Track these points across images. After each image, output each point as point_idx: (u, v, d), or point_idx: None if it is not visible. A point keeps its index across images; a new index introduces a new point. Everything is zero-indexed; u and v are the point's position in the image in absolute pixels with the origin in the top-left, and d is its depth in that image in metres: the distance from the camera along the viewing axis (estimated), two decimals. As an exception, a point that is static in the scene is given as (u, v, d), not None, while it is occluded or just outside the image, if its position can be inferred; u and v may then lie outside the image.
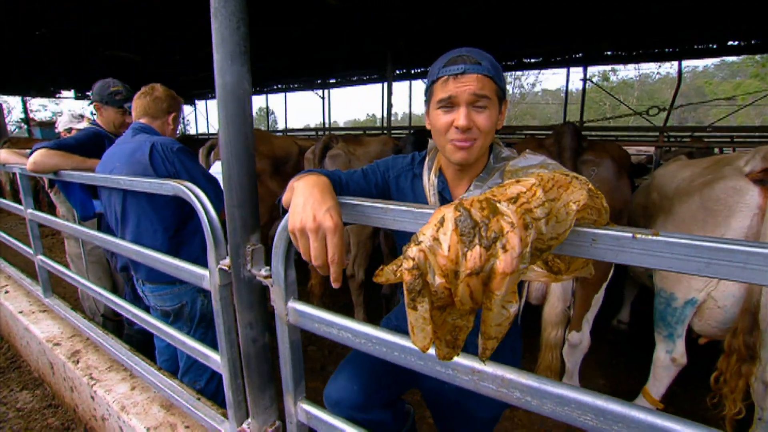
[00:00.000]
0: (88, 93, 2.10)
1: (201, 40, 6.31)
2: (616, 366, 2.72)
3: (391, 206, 0.68)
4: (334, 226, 0.63)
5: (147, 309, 1.88)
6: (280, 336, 0.94)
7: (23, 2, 4.82)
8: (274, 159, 3.46)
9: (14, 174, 2.09)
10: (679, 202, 1.84)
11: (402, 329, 1.18)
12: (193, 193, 1.08)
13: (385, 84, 6.25)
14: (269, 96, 14.22)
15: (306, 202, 0.66)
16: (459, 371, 0.67)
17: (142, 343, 2.12)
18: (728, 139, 5.88)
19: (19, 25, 5.85)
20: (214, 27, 0.84)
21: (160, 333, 1.38)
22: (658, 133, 4.58)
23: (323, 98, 12.52)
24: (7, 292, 2.81)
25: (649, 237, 0.48)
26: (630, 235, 0.49)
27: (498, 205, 0.39)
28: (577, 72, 8.84)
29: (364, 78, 10.97)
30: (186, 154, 1.51)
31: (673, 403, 2.24)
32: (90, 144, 1.85)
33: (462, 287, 0.37)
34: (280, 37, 6.50)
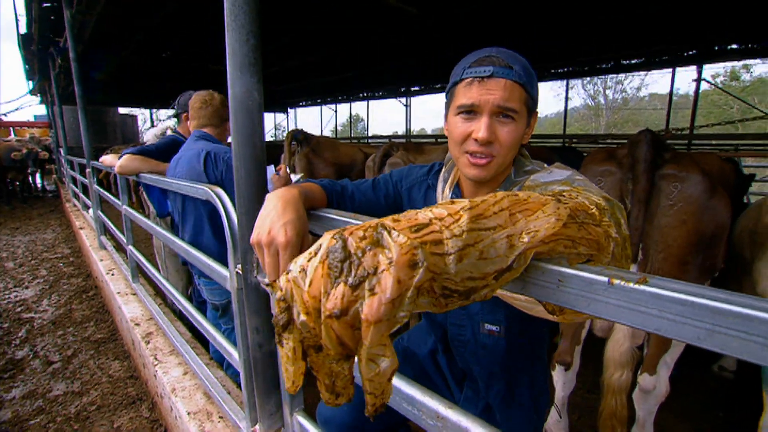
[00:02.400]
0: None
1: (292, 50, 6.80)
2: (711, 422, 2.24)
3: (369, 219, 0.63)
4: (286, 241, 0.60)
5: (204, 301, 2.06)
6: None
7: (156, 33, 5.70)
8: (338, 165, 3.57)
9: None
10: (801, 230, 1.45)
11: (410, 351, 1.10)
12: (219, 198, 1.14)
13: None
14: (356, 104, 14.85)
15: (267, 216, 0.64)
16: (423, 412, 0.59)
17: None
18: None
19: (151, 49, 6.94)
20: (227, 40, 0.88)
21: (196, 323, 1.48)
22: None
23: (406, 106, 12.71)
24: (113, 274, 3.31)
25: (631, 285, 0.36)
26: (605, 279, 0.37)
27: (385, 234, 0.32)
28: (691, 71, 7.64)
29: (447, 86, 10.86)
30: None
31: (787, 483, 1.77)
32: (168, 150, 2.08)
33: (324, 330, 0.31)
34: (364, 46, 6.74)
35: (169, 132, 2.33)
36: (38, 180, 11.96)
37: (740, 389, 2.48)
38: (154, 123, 15.68)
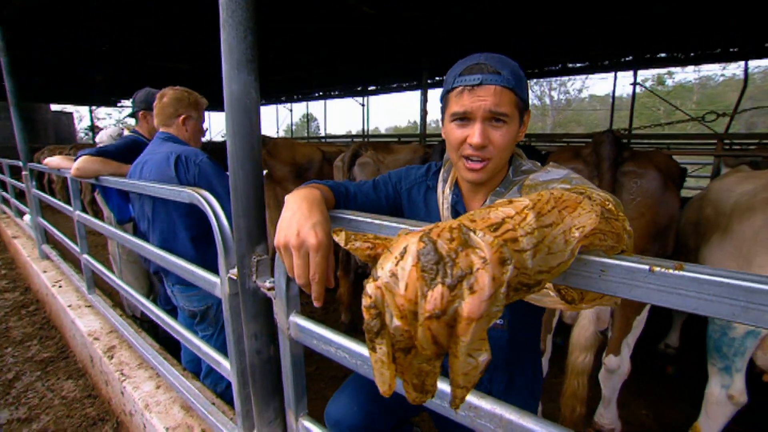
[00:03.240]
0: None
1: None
2: (663, 396, 2.47)
3: (386, 222, 0.64)
4: (317, 243, 0.60)
5: (176, 309, 1.95)
6: (282, 350, 0.92)
7: (92, 23, 5.27)
8: (296, 166, 3.52)
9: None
10: (738, 220, 1.64)
11: None
12: (207, 201, 1.09)
13: (421, 91, 6.21)
14: (311, 103, 14.62)
15: (292, 217, 0.63)
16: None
17: (178, 342, 2.20)
18: (804, 148, 5.26)
19: (87, 42, 6.40)
20: (222, 37, 0.84)
21: (178, 335, 1.41)
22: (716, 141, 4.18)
23: (363, 105, 12.70)
24: (60, 286, 3.03)
25: (671, 271, 0.40)
26: (646, 267, 0.41)
27: (471, 235, 0.34)
28: (627, 76, 8.33)
29: (404, 85, 11.00)
30: (208, 166, 1.54)
31: (729, 445, 1.99)
32: (128, 151, 1.95)
33: (421, 331, 0.32)
34: (320, 45, 6.66)
35: (126, 132, 2.18)
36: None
37: (685, 364, 2.75)
38: (94, 122, 14.48)
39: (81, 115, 24.57)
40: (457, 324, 0.31)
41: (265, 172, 2.52)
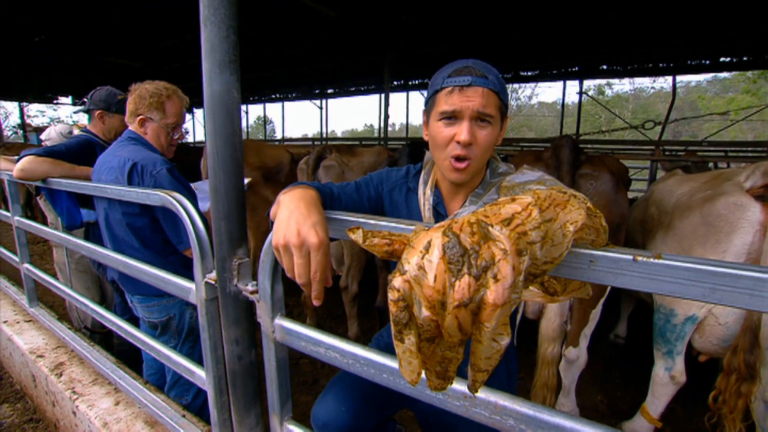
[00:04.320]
0: (85, 101, 2.03)
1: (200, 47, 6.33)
2: (614, 382, 2.67)
3: (381, 222, 0.66)
4: (319, 242, 0.60)
5: (137, 319, 1.83)
6: (266, 353, 0.91)
7: (22, 9, 4.83)
8: (265, 169, 3.44)
9: (1, 180, 2.05)
10: (679, 218, 1.82)
11: (393, 347, 1.14)
12: (181, 205, 1.05)
13: (382, 95, 6.28)
14: (267, 105, 14.28)
15: (290, 217, 0.63)
16: (450, 396, 0.64)
17: (133, 355, 2.06)
18: (722, 153, 5.91)
19: (17, 31, 5.85)
20: (203, 35, 0.82)
21: (145, 346, 1.33)
22: (653, 147, 4.59)
23: (321, 108, 12.58)
24: (-8, 300, 2.74)
25: (651, 260, 0.45)
26: (630, 257, 0.46)
27: (490, 228, 0.37)
28: (573, 85, 8.93)
29: (362, 88, 11.04)
30: (165, 179, 1.42)
31: (671, 422, 2.19)
32: (81, 152, 1.81)
33: (449, 319, 0.34)
34: (278, 47, 6.54)
35: (76, 131, 2.02)
36: None
37: (632, 352, 2.99)
38: (24, 119, 13.18)
39: (8, 111, 22.27)
40: (481, 311, 0.34)
41: (248, 180, 2.40)
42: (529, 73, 8.21)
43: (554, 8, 4.46)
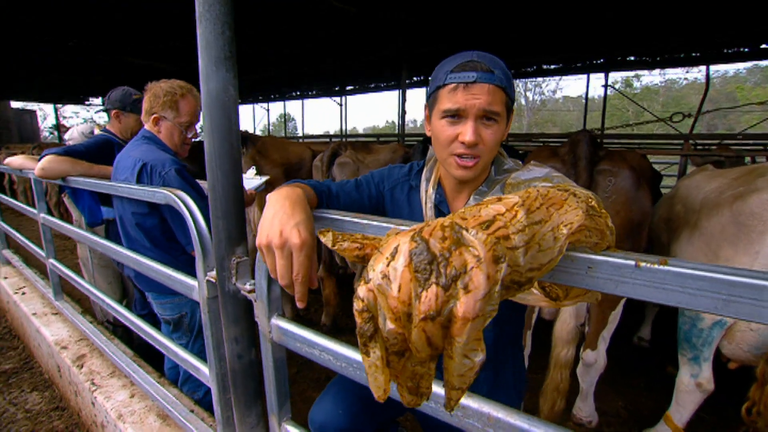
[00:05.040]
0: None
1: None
2: (636, 387, 2.56)
3: (372, 222, 0.63)
4: (301, 242, 0.58)
5: (156, 315, 1.87)
6: (264, 353, 0.90)
7: (57, 15, 5.02)
8: (287, 166, 3.46)
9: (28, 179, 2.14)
10: (706, 216, 1.71)
11: None
12: (183, 203, 1.05)
13: (400, 91, 6.22)
14: (288, 103, 14.41)
15: (274, 216, 0.61)
16: (442, 405, 0.60)
17: (154, 349, 2.11)
18: (761, 147, 5.54)
19: (53, 36, 6.10)
20: (198, 32, 0.81)
21: (154, 341, 1.35)
22: (683, 141, 4.36)
23: (341, 105, 12.62)
24: (24, 293, 2.88)
25: (655, 266, 0.41)
26: (632, 263, 0.42)
27: (464, 233, 0.33)
28: (599, 78, 8.60)
29: (382, 85, 10.97)
30: (174, 180, 1.43)
31: None
32: (99, 151, 1.86)
33: (416, 333, 0.31)
34: (298, 44, 6.57)
35: (97, 131, 2.08)
36: None
37: (657, 356, 2.86)
38: (60, 120, 13.81)
39: (45, 113, 23.41)
40: (452, 325, 0.30)
41: (266, 178, 2.41)
42: (552, 67, 7.96)
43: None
